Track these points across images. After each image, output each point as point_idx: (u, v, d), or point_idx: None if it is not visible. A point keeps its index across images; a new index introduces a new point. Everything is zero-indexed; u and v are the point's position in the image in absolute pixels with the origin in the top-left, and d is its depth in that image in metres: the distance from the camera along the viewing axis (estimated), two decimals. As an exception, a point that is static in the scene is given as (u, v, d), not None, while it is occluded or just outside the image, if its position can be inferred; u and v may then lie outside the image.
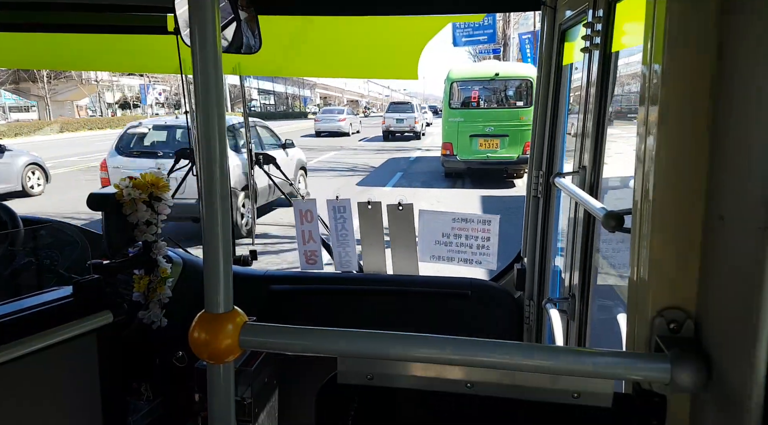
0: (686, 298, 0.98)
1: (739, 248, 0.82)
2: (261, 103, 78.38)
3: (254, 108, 72.47)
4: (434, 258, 2.73)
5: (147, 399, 2.40)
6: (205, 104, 0.96)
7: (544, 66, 2.33)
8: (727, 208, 0.86)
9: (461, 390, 1.12)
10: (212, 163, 0.98)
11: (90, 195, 2.34)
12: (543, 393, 1.08)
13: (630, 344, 1.08)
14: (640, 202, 1.03)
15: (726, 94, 0.88)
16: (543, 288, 2.43)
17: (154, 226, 2.40)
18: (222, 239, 1.00)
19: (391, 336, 0.99)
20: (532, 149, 2.46)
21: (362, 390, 1.17)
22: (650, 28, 1.01)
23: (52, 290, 2.06)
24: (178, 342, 2.39)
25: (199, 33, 0.95)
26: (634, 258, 1.06)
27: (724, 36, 0.88)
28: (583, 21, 1.77)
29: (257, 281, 2.74)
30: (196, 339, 1.01)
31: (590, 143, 1.72)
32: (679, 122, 0.94)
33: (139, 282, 2.39)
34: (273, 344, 1.09)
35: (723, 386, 0.88)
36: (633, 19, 1.48)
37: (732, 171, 0.85)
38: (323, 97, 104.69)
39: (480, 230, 2.63)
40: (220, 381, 1.05)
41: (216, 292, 1.01)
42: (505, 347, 0.98)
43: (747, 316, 0.79)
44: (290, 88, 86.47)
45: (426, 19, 2.53)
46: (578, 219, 1.84)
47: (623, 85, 4.48)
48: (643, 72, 1.02)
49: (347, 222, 2.84)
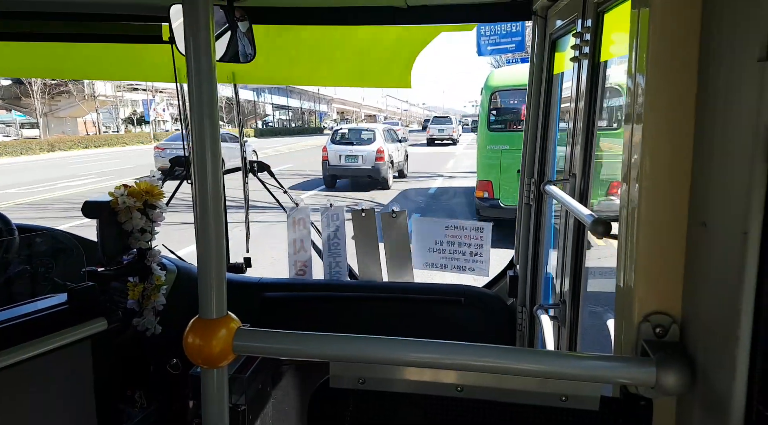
0: (671, 303, 1.00)
1: (722, 253, 0.85)
2: (277, 118, 77.07)
3: (270, 123, 71.46)
4: (428, 265, 2.75)
5: (141, 406, 2.40)
6: (199, 112, 0.98)
7: (535, 75, 2.36)
8: (710, 214, 0.89)
9: (452, 394, 1.14)
10: (206, 171, 0.99)
11: (85, 203, 2.35)
12: (532, 396, 1.10)
13: (617, 348, 1.10)
14: (626, 209, 1.05)
15: (708, 103, 0.90)
16: (535, 295, 2.44)
17: (149, 234, 2.41)
18: (216, 245, 1.02)
19: (382, 341, 1.01)
20: (523, 157, 2.49)
21: (354, 395, 1.19)
22: (634, 38, 1.03)
23: (47, 297, 2.06)
24: (172, 350, 2.40)
25: (193, 42, 0.97)
26: (621, 264, 1.07)
27: (706, 47, 0.91)
28: (573, 31, 1.80)
29: (251, 288, 2.75)
30: (190, 344, 1.02)
31: (580, 151, 1.75)
32: (663, 131, 0.96)
33: (133, 289, 2.40)
34: (266, 349, 1.11)
35: (707, 388, 0.89)
36: (621, 29, 1.51)
37: (714, 178, 0.88)
38: (340, 111, 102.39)
39: (473, 237, 2.65)
40: (214, 386, 1.06)
41: (210, 298, 1.03)
42: (494, 351, 0.99)
43: (730, 320, 0.81)
44: (306, 103, 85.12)
45: (419, 29, 2.55)
46: (568, 226, 1.86)
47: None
48: (628, 81, 1.04)
49: (340, 231, 2.85)
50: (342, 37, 2.67)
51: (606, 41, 1.64)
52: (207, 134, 0.98)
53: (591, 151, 1.74)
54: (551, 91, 2.31)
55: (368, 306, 2.69)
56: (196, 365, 1.06)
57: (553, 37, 2.19)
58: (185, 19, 0.98)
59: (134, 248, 2.38)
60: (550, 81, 2.30)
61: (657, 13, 0.96)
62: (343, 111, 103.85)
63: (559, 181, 1.94)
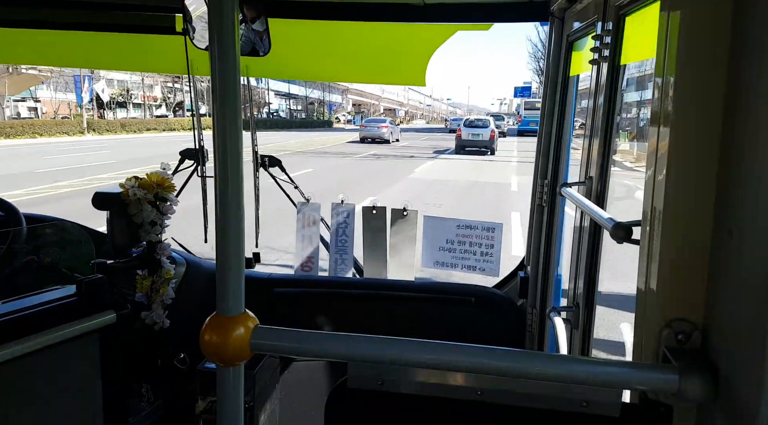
0: (694, 310, 0.98)
1: (748, 261, 0.83)
2: (285, 108, 68.61)
3: (273, 114, 63.21)
4: (438, 264, 2.74)
5: (148, 400, 2.39)
6: (223, 106, 0.97)
7: (551, 76, 2.34)
8: (737, 220, 0.87)
9: (472, 398, 1.13)
10: (227, 166, 0.98)
11: (95, 194, 2.34)
12: (552, 401, 1.09)
13: (637, 354, 1.09)
14: (650, 213, 1.04)
15: (738, 107, 0.88)
16: (546, 297, 2.43)
17: (159, 226, 2.40)
18: (234, 241, 1.01)
19: (404, 342, 1.00)
20: (537, 158, 2.48)
21: (373, 396, 1.17)
22: (663, 41, 1.01)
23: (55, 289, 2.05)
24: (180, 344, 2.39)
25: (218, 35, 0.96)
26: (643, 269, 1.06)
27: (737, 49, 0.89)
28: (592, 33, 1.78)
29: (261, 283, 2.75)
30: (206, 341, 1.01)
31: (597, 154, 1.73)
32: (691, 135, 0.95)
33: (142, 282, 2.39)
34: (284, 348, 1.10)
35: (730, 398, 0.88)
36: (643, 32, 1.49)
37: (741, 184, 0.86)
38: (356, 103, 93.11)
39: (484, 237, 2.64)
40: (230, 384, 1.05)
41: (228, 294, 1.02)
42: (515, 355, 0.98)
43: (755, 329, 0.79)
44: (315, 92, 74.17)
45: (435, 27, 2.54)
46: (584, 228, 1.84)
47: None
48: (656, 84, 1.03)
49: (349, 228, 2.84)
50: (357, 34, 2.65)
51: (627, 44, 1.62)
52: (230, 130, 0.97)
53: (608, 154, 1.72)
54: (567, 92, 2.30)
55: (377, 303, 2.68)
56: (204, 360, 1.05)
57: (570, 39, 2.17)
58: (210, 12, 0.97)
59: (144, 241, 2.37)
60: (566, 82, 2.28)
61: (687, 14, 0.94)
62: (360, 103, 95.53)
63: (575, 183, 1.93)
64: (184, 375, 2.36)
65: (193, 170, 2.96)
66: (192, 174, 2.94)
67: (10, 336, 1.75)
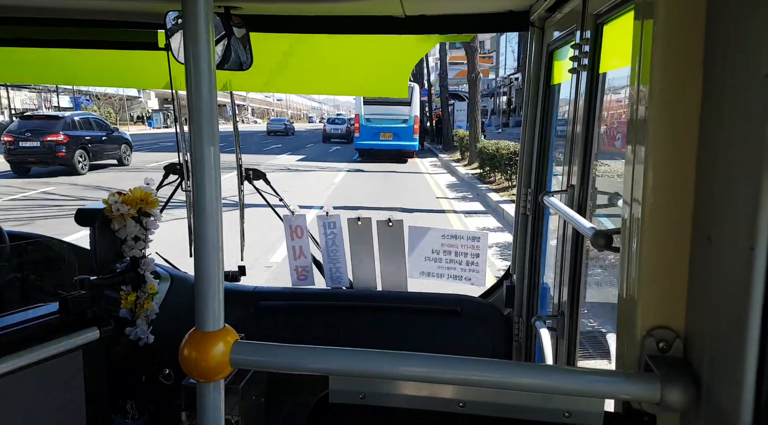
0: (675, 318, 0.99)
1: (727, 268, 0.83)
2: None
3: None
4: (424, 274, 2.73)
5: (133, 417, 2.36)
6: (199, 120, 0.97)
7: (533, 85, 2.36)
8: (715, 228, 0.88)
9: (454, 410, 1.12)
10: (204, 179, 0.98)
11: (78, 210, 2.32)
12: (535, 412, 1.09)
13: (620, 363, 1.09)
14: (629, 221, 1.04)
15: (713, 115, 0.89)
16: (532, 306, 2.43)
17: (143, 242, 2.38)
18: (214, 257, 1.00)
19: (384, 354, 0.99)
20: (520, 167, 2.49)
21: (355, 410, 1.17)
22: (638, 49, 1.02)
23: (38, 306, 2.03)
24: (165, 360, 2.37)
25: (193, 50, 0.96)
26: (623, 277, 1.06)
27: (711, 59, 0.90)
28: (571, 42, 1.80)
29: (246, 297, 2.73)
30: (186, 357, 1.00)
31: (578, 162, 1.74)
32: (667, 143, 0.96)
33: (126, 298, 2.37)
34: (264, 362, 1.09)
35: (712, 405, 0.88)
36: (621, 40, 1.51)
37: (719, 190, 0.87)
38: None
39: (469, 247, 2.64)
40: (210, 399, 1.04)
41: (206, 310, 1.01)
42: (497, 366, 0.98)
43: (735, 336, 0.79)
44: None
45: (416, 38, 2.55)
46: (567, 237, 1.85)
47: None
48: (631, 93, 1.04)
49: (338, 238, 2.83)
50: (339, 46, 2.66)
51: (605, 53, 1.64)
52: (206, 142, 0.97)
53: (589, 162, 1.73)
54: (548, 101, 2.31)
55: (364, 315, 2.67)
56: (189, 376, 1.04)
57: (551, 48, 2.19)
58: (185, 27, 0.97)
59: (128, 256, 2.35)
60: (548, 91, 2.30)
61: (660, 24, 0.95)
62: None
63: (557, 192, 1.94)
64: (169, 391, 2.33)
65: (177, 185, 2.94)
66: (176, 188, 2.93)
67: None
